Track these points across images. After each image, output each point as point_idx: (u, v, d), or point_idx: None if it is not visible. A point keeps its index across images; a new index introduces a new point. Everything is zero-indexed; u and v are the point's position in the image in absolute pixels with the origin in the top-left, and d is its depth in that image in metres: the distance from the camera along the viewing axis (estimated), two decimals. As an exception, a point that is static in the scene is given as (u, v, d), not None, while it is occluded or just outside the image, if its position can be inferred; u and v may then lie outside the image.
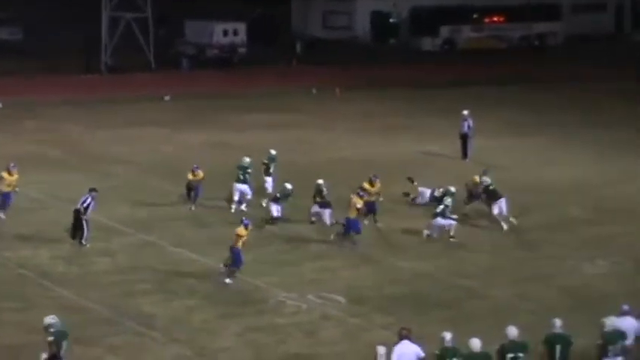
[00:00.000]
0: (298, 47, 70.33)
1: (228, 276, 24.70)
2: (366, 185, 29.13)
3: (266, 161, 31.80)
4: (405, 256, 27.16)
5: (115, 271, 25.69)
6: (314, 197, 29.52)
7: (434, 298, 24.08)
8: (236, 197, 30.80)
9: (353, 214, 27.40)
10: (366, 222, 28.85)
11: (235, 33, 66.99)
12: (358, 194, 27.91)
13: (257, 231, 27.65)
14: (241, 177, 30.77)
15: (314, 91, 54.99)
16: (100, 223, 28.61)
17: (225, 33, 66.71)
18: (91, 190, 27.89)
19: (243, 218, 25.76)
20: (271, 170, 31.63)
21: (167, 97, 52.36)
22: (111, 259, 26.61)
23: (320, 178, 29.83)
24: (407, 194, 31.88)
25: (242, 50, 66.96)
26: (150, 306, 23.31)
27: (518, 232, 29.12)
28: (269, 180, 31.46)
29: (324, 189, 29.47)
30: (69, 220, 28.02)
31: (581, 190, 34.26)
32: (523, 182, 33.19)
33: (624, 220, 30.81)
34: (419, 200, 31.42)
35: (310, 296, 23.96)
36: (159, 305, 23.39)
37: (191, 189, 30.95)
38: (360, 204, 27.55)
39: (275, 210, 29.21)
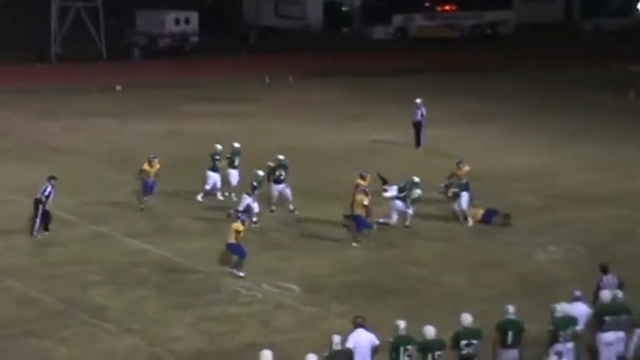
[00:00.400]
0: (251, 36, 70.09)
1: (239, 269, 24.53)
2: (360, 181, 28.51)
3: (229, 155, 31.52)
4: (360, 244, 27.15)
5: (67, 263, 25.42)
6: (268, 177, 29.49)
7: (389, 286, 24.10)
8: (218, 187, 30.85)
9: (359, 211, 27.10)
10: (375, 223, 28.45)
11: (187, 22, 66.58)
12: (364, 191, 27.59)
13: (218, 221, 27.70)
14: (211, 164, 30.76)
15: (267, 80, 54.84)
16: (52, 214, 28.29)
17: (177, 22, 66.29)
18: (50, 178, 27.61)
19: (240, 214, 25.66)
20: (236, 164, 31.38)
21: (119, 87, 51.92)
22: (63, 251, 26.34)
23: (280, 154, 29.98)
24: (384, 181, 31.53)
25: (194, 39, 66.59)
26: (102, 297, 23.12)
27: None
28: (234, 173, 31.20)
29: (288, 164, 29.68)
30: (21, 211, 27.70)
31: (535, 178, 34.48)
32: (476, 170, 33.23)
33: (577, 207, 31.03)
34: (387, 194, 31.17)
35: (265, 285, 23.89)
36: (111, 296, 23.20)
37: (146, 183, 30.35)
38: (366, 201, 27.11)
39: (256, 206, 28.86)
